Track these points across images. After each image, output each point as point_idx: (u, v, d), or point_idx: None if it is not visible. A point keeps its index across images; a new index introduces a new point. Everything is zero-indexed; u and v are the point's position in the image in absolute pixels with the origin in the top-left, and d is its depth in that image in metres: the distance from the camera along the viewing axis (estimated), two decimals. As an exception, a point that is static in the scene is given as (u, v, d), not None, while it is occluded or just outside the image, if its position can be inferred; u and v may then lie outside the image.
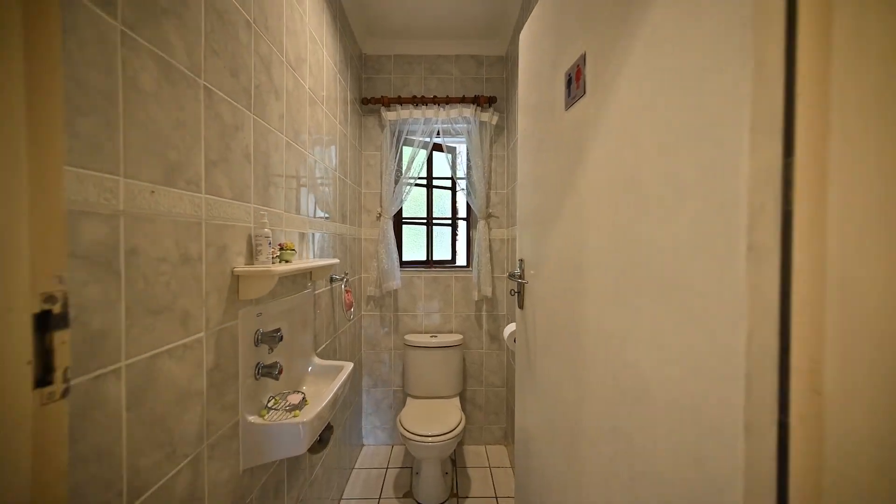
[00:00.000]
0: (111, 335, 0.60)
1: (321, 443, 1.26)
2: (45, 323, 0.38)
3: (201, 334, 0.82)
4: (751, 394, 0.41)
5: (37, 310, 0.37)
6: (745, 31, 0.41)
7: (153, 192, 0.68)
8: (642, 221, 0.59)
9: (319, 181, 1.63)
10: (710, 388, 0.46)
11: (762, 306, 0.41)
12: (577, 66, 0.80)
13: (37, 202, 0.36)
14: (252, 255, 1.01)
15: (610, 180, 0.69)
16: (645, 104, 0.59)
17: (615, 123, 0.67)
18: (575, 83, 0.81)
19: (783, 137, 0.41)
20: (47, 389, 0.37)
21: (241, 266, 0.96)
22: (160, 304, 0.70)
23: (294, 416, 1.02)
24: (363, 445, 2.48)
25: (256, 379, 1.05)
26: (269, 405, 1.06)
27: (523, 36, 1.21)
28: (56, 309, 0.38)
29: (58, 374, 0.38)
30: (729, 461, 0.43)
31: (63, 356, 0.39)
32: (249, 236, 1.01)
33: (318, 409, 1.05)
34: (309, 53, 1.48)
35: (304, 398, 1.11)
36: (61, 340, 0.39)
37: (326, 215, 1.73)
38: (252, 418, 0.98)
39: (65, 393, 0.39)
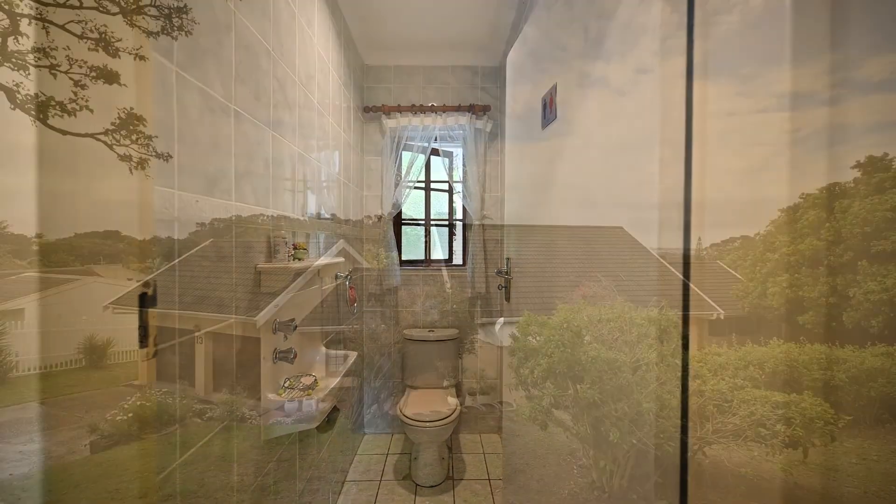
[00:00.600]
0: (169, 317, 0.74)
1: (329, 422, 1.41)
2: (144, 301, 0.52)
3: (231, 320, 0.96)
4: (661, 347, 0.56)
5: (140, 292, 0.51)
6: (656, 93, 0.56)
7: (197, 201, 0.82)
8: (598, 226, 0.74)
9: (325, 186, 1.77)
10: (639, 348, 0.61)
11: (669, 289, 0.56)
12: (551, 94, 0.95)
13: (142, 213, 0.50)
14: (271, 253, 1.16)
15: (572, 192, 0.84)
16: (596, 134, 0.74)
17: (577, 146, 0.82)
18: (549, 108, 0.96)
19: (685, 165, 0.56)
20: (145, 350, 0.51)
21: (262, 263, 1.10)
22: (202, 294, 0.84)
23: (307, 395, 1.17)
24: (364, 434, 2.62)
25: (274, 362, 1.19)
26: (286, 385, 1.21)
27: (510, 58, 1.36)
28: (150, 292, 0.52)
29: (151, 339, 0.52)
30: (650, 394, 0.58)
31: (154, 327, 0.53)
32: (268, 237, 1.15)
33: (329, 389, 1.19)
34: (317, 70, 1.62)
35: (315, 380, 1.26)
36: (153, 315, 0.52)
37: (331, 217, 1.88)
38: (271, 396, 1.13)
39: (155, 354, 0.53)
